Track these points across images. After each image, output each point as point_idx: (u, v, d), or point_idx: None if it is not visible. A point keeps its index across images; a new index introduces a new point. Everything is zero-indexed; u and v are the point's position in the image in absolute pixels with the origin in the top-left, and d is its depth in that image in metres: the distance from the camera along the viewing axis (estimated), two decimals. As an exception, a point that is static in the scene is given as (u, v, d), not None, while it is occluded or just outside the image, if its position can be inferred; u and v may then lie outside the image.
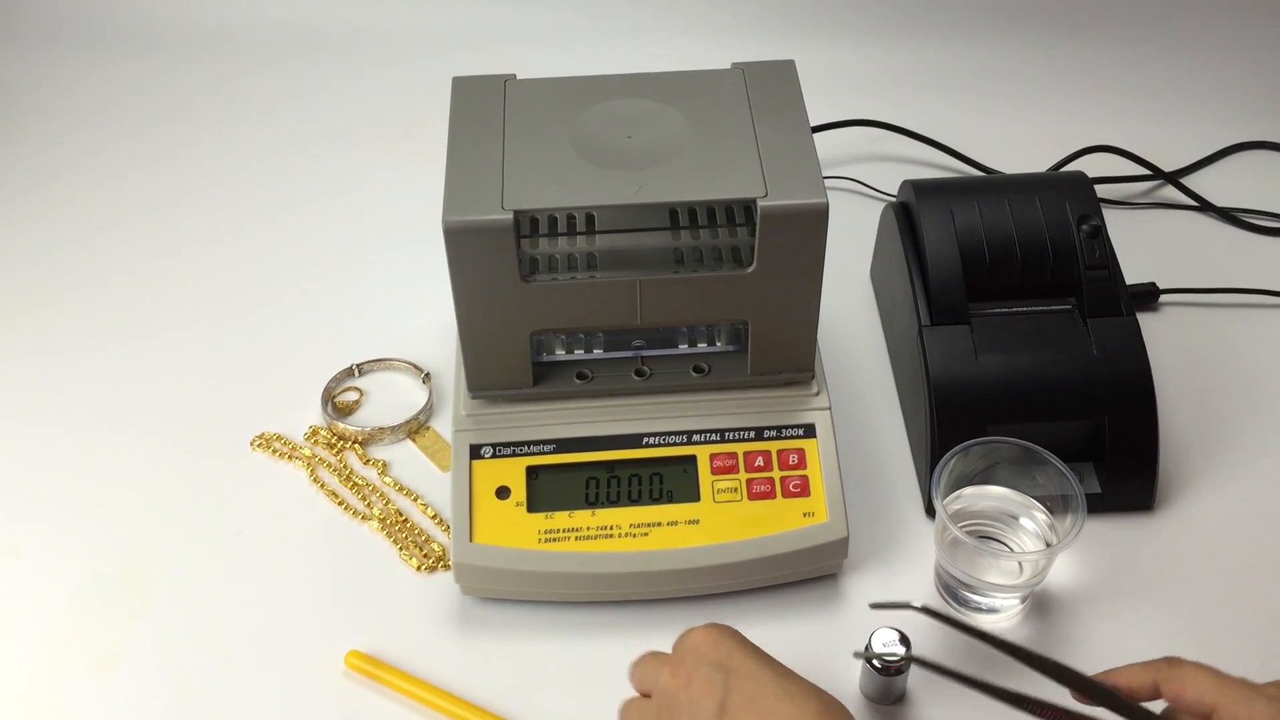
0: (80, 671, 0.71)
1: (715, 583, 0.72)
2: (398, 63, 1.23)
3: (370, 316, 0.94)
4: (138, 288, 0.97)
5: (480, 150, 0.69)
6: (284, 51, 1.24)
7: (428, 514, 0.80)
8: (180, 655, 0.71)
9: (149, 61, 1.23)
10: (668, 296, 0.69)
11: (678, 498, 0.72)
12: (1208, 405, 0.86)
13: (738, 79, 0.74)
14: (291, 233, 1.02)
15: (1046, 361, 0.77)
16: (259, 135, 1.14)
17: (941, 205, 0.82)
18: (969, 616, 0.73)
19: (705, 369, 0.75)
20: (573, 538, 0.71)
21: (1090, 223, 0.81)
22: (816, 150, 0.68)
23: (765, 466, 0.73)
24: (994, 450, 0.73)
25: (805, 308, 0.71)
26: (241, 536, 0.78)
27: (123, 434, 0.85)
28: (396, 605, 0.74)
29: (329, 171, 1.09)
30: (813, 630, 0.72)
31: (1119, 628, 0.72)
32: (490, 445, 0.73)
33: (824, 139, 1.08)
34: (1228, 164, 1.09)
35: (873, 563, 0.76)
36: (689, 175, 0.67)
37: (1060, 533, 0.71)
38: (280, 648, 0.72)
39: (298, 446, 0.84)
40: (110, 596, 0.75)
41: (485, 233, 0.65)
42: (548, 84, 0.74)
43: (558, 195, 0.66)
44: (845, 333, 0.92)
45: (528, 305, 0.69)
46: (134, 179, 1.09)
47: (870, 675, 0.67)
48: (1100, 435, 0.77)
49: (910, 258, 0.83)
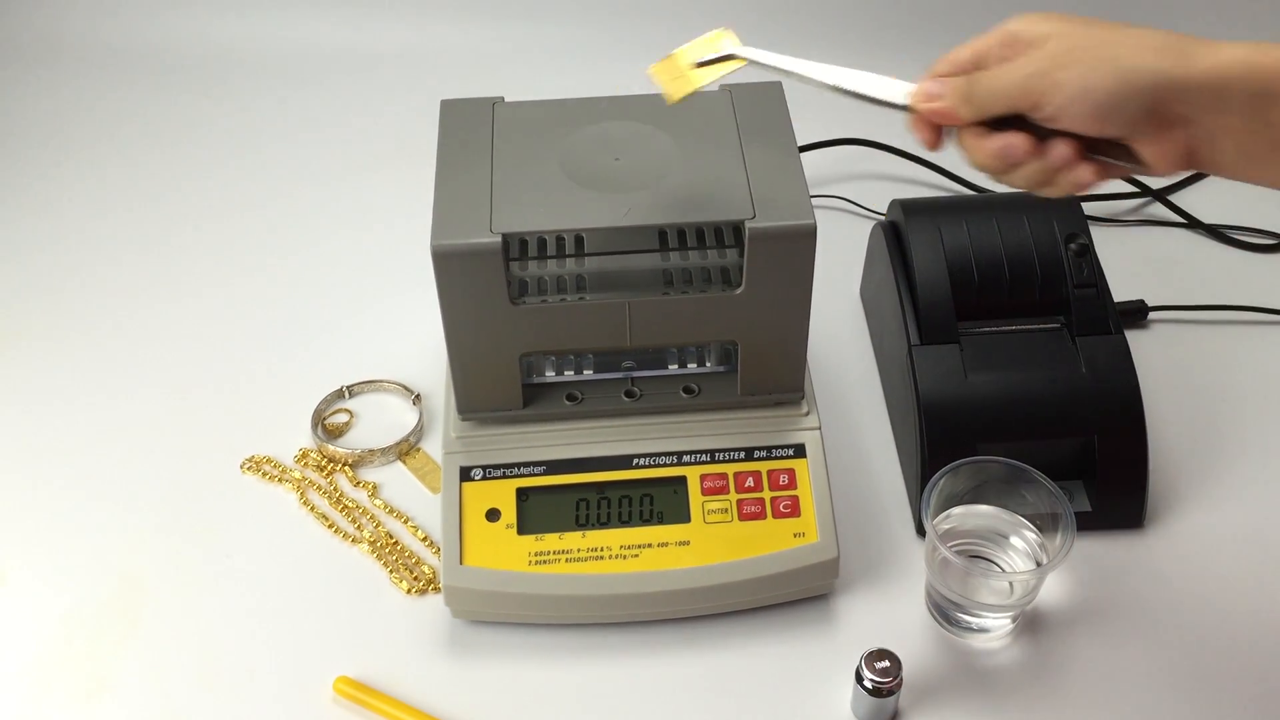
0: (69, 699, 0.70)
1: (706, 604, 0.72)
2: (386, 86, 1.23)
3: (360, 338, 0.94)
4: (127, 310, 0.97)
5: (468, 173, 0.69)
6: (272, 75, 1.24)
7: (418, 536, 0.79)
8: (169, 681, 0.71)
9: (140, 86, 1.23)
10: (657, 318, 0.70)
11: (668, 519, 0.72)
12: (1197, 423, 0.86)
13: (725, 101, 0.74)
14: (281, 255, 1.02)
15: (1036, 380, 0.78)
16: (248, 158, 1.14)
17: (930, 224, 0.83)
18: (961, 636, 0.73)
19: (695, 390, 0.75)
20: (563, 560, 0.71)
21: (1078, 241, 0.81)
22: (804, 171, 0.69)
23: (755, 487, 0.73)
24: (983, 469, 0.73)
25: (794, 328, 0.71)
26: (231, 560, 0.78)
27: (112, 457, 0.85)
28: (386, 628, 0.74)
29: (319, 194, 1.10)
30: (804, 651, 0.72)
31: (1110, 646, 0.72)
32: (480, 467, 0.73)
33: (813, 158, 1.09)
34: (1215, 181, 1.08)
35: (863, 583, 0.76)
36: (677, 197, 0.67)
37: (1050, 551, 0.71)
38: (268, 674, 0.71)
39: (287, 469, 0.84)
40: (99, 622, 0.74)
41: (474, 256, 0.65)
42: (536, 106, 0.74)
43: (546, 218, 0.67)
44: (835, 352, 0.92)
45: (517, 327, 0.69)
46: (124, 201, 1.09)
47: (862, 697, 0.67)
48: (1090, 453, 0.77)
49: (899, 277, 0.83)
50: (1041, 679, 0.70)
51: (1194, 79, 0.51)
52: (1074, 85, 0.52)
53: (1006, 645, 0.72)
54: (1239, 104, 0.51)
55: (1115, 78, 0.52)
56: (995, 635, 0.73)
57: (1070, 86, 0.52)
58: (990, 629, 0.72)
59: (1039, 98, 0.53)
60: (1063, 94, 0.53)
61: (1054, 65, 0.53)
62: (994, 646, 0.72)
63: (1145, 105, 0.52)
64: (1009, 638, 0.73)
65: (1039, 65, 0.53)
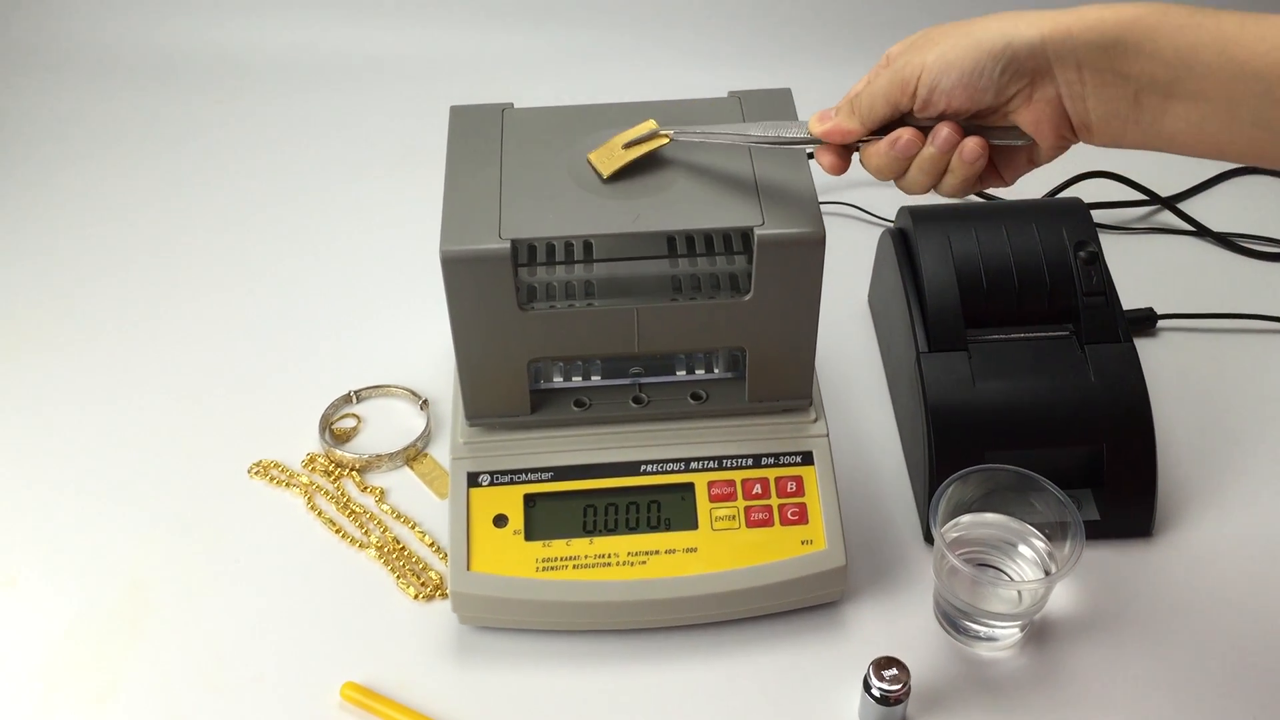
0: (77, 702, 0.70)
1: (714, 611, 0.72)
2: (396, 92, 1.23)
3: (368, 343, 0.94)
4: (135, 314, 0.97)
5: (478, 179, 0.69)
6: (282, 81, 1.25)
7: (425, 542, 0.79)
8: (176, 686, 0.71)
9: (147, 90, 1.23)
10: (665, 324, 0.69)
11: (676, 526, 0.72)
12: (1206, 431, 0.86)
13: (734, 107, 0.74)
14: (289, 260, 1.03)
15: (1044, 388, 0.77)
16: (257, 163, 1.15)
17: (939, 232, 0.82)
18: (969, 645, 0.72)
19: (703, 396, 0.75)
20: (570, 566, 0.71)
21: (1087, 249, 0.81)
22: (814, 178, 0.69)
23: (763, 494, 0.73)
24: (992, 477, 0.73)
25: (803, 335, 0.71)
26: (238, 565, 0.78)
27: (119, 461, 0.85)
28: (393, 635, 0.74)
29: (327, 199, 1.10)
30: (811, 659, 0.72)
31: (1119, 655, 0.72)
32: (488, 473, 0.73)
33: (821, 165, 1.09)
34: (1225, 189, 1.09)
35: (871, 591, 0.75)
36: (686, 204, 0.67)
37: (1059, 560, 0.71)
38: (275, 679, 0.71)
39: (295, 474, 0.84)
40: (107, 626, 0.74)
41: (482, 262, 0.65)
42: (545, 113, 0.74)
43: (555, 224, 0.67)
44: (843, 359, 0.92)
45: (525, 333, 0.69)
46: (132, 206, 1.09)
47: (869, 705, 0.67)
48: (1099, 462, 0.77)
49: (908, 284, 0.83)
50: (1050, 688, 0.70)
51: (1042, 34, 0.56)
52: (937, 63, 0.58)
53: (1014, 654, 0.72)
54: (1089, 55, 0.55)
55: (972, 47, 0.57)
56: (1003, 644, 0.72)
57: (934, 64, 0.58)
58: (998, 638, 0.72)
59: (911, 84, 0.59)
60: (929, 73, 0.58)
61: (917, 53, 0.59)
62: (1002, 655, 0.72)
63: (1003, 65, 0.56)
64: (1017, 647, 0.72)
65: (904, 59, 0.59)
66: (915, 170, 0.61)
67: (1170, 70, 0.54)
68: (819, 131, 0.63)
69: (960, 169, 0.60)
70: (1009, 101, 0.58)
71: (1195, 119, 0.54)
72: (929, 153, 0.60)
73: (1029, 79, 0.57)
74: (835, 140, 0.62)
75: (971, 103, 0.58)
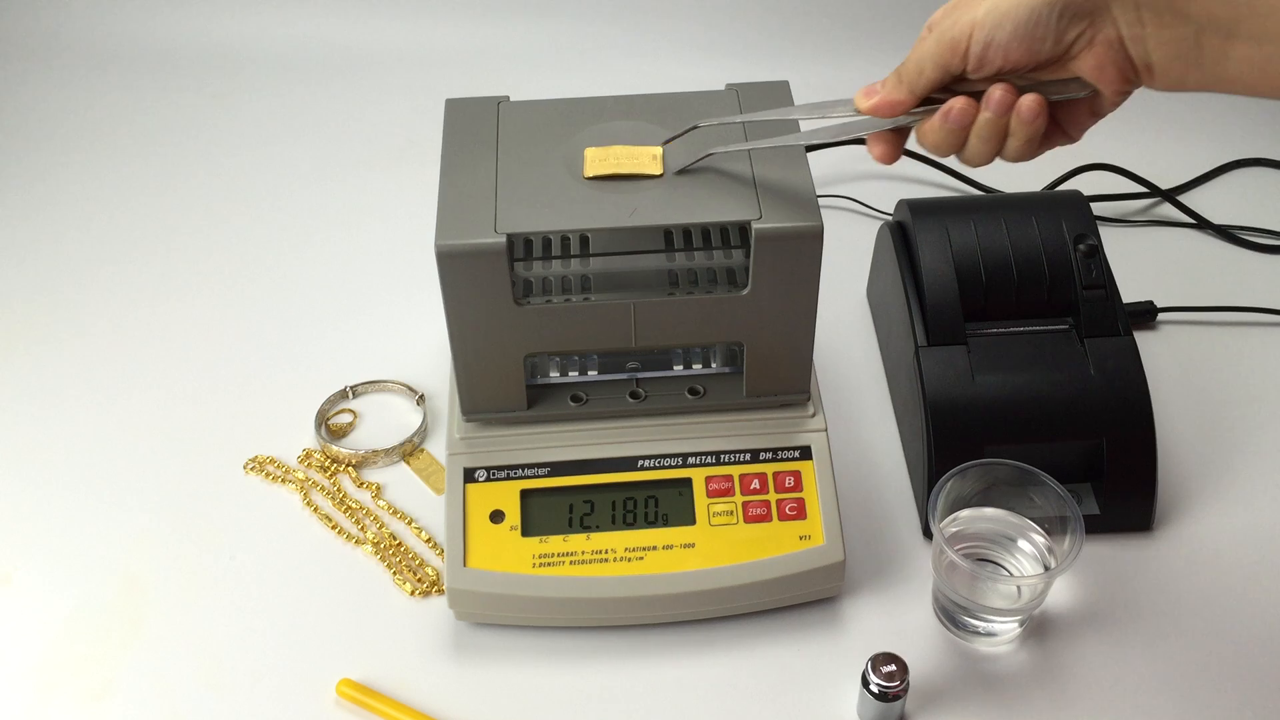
0: (73, 700, 0.70)
1: (711, 607, 0.72)
2: (391, 85, 1.23)
3: (364, 338, 0.93)
4: (129, 310, 0.97)
5: (473, 173, 0.68)
6: (277, 74, 1.24)
7: (422, 538, 0.79)
8: (172, 683, 0.71)
9: (140, 84, 1.23)
10: (662, 319, 0.69)
11: (673, 521, 0.72)
12: (1207, 424, 0.85)
13: (732, 100, 0.73)
14: (285, 254, 1.02)
15: (1044, 382, 0.77)
16: (253, 157, 1.14)
17: (937, 225, 0.82)
18: (968, 640, 0.72)
19: (700, 391, 0.74)
20: (567, 562, 0.71)
21: (1087, 242, 0.81)
22: (811, 172, 0.68)
23: (761, 489, 0.72)
24: (991, 472, 0.72)
25: (800, 329, 0.71)
26: (234, 561, 0.78)
27: (115, 458, 0.84)
28: (389, 631, 0.73)
29: (323, 193, 1.09)
30: (809, 654, 0.72)
31: (1119, 650, 0.71)
32: (484, 469, 0.73)
33: (820, 157, 1.08)
34: (1225, 181, 1.09)
35: (870, 586, 0.75)
36: (683, 198, 0.67)
37: (1058, 555, 0.70)
38: (271, 675, 0.71)
39: (291, 469, 0.83)
40: (103, 623, 0.74)
41: (478, 256, 0.65)
42: (541, 106, 0.74)
43: (551, 218, 0.66)
44: (841, 353, 0.91)
45: (521, 328, 0.68)
46: (126, 201, 1.09)
47: (867, 701, 0.66)
48: (1098, 456, 0.76)
49: (906, 278, 0.82)
50: (1049, 684, 0.70)
51: None
52: (989, 16, 0.54)
53: (1014, 649, 0.72)
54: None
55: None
56: (1003, 639, 0.72)
57: (986, 19, 0.54)
58: (998, 633, 0.72)
59: (962, 44, 0.55)
60: (982, 28, 0.54)
61: (964, 11, 0.55)
62: (1001, 651, 0.72)
63: (1060, 9, 0.53)
64: (1016, 642, 0.72)
65: (950, 19, 0.56)
66: (975, 140, 0.58)
67: (1232, 9, 0.51)
68: (865, 108, 0.59)
69: (1021, 130, 0.57)
70: (1070, 48, 0.54)
71: (1259, 61, 0.51)
72: (985, 118, 0.57)
73: (1088, 21, 0.53)
74: (884, 114, 0.59)
75: (1030, 55, 0.54)
